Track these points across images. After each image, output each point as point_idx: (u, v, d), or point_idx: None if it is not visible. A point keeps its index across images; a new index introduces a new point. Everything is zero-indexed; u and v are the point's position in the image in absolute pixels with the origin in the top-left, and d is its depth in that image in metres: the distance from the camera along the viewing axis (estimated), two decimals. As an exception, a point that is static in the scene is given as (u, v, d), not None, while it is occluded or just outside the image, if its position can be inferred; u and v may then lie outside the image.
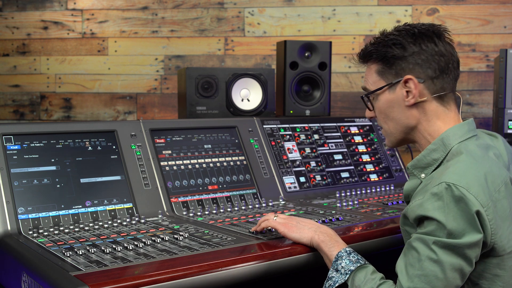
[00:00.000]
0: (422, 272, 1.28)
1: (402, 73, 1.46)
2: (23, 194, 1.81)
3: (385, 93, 1.50)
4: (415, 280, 1.28)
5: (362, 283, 1.36)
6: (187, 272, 1.33)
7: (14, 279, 1.50)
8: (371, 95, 1.53)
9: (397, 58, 1.46)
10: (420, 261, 1.29)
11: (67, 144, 1.98)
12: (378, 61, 1.50)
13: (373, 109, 1.55)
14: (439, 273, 1.27)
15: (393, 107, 1.49)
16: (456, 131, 1.45)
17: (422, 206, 1.31)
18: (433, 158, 1.44)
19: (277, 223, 1.59)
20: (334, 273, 1.40)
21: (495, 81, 2.82)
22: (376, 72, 1.51)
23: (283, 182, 2.34)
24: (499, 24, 3.30)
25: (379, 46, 1.49)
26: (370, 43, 1.53)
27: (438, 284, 1.27)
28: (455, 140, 1.43)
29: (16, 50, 3.65)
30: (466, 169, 1.31)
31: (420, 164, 1.46)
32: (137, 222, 1.87)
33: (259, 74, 2.68)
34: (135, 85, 3.56)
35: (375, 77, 1.51)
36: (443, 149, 1.43)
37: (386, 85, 1.49)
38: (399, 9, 3.36)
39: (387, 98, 1.50)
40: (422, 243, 1.30)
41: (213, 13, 3.48)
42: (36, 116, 3.64)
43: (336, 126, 2.69)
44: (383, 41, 1.49)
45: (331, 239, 1.48)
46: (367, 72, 1.54)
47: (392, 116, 1.50)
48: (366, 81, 1.54)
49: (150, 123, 2.20)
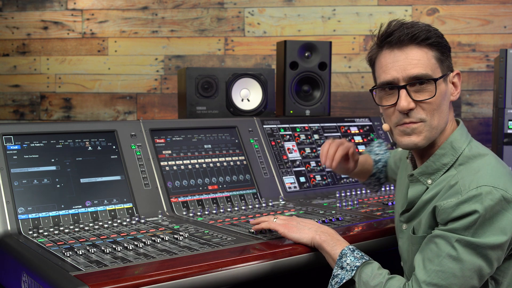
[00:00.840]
0: (440, 268, 1.27)
1: (450, 66, 1.42)
2: (23, 194, 1.81)
3: (442, 84, 1.38)
4: (432, 275, 1.28)
5: (370, 278, 1.35)
6: (187, 272, 1.33)
7: (14, 279, 1.50)
8: (432, 81, 1.36)
9: (448, 50, 1.41)
10: (439, 257, 1.28)
11: (67, 144, 1.98)
12: (435, 48, 1.37)
13: (433, 97, 1.36)
14: (458, 271, 1.26)
15: (444, 100, 1.39)
16: (461, 133, 1.43)
17: (459, 207, 1.28)
18: (443, 163, 1.39)
19: (277, 225, 1.58)
20: (339, 271, 1.40)
21: (495, 81, 2.82)
22: (435, 58, 1.37)
23: (283, 182, 2.34)
24: (499, 24, 3.30)
25: (433, 33, 1.37)
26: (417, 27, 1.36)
27: (455, 281, 1.26)
28: (463, 143, 1.40)
29: (16, 50, 3.65)
30: (498, 171, 1.32)
31: (428, 170, 1.42)
32: (137, 222, 1.87)
33: (259, 74, 2.68)
34: (135, 85, 3.56)
35: (434, 64, 1.37)
36: (453, 153, 1.39)
37: (445, 74, 1.39)
38: (399, 9, 3.36)
39: (443, 89, 1.38)
40: (444, 240, 1.29)
41: (213, 13, 3.48)
42: (36, 116, 3.64)
43: (336, 126, 2.69)
44: (431, 29, 1.38)
45: (332, 238, 1.48)
46: (419, 56, 1.36)
47: (441, 109, 1.38)
48: (421, 66, 1.35)
49: (150, 123, 2.19)
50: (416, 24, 1.38)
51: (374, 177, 1.96)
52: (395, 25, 1.38)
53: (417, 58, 1.36)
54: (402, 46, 1.37)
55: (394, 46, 1.38)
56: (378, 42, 1.42)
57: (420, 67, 1.35)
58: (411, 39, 1.36)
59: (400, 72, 1.36)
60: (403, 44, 1.37)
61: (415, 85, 1.36)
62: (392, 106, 1.40)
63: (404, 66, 1.36)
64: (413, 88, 1.36)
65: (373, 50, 1.45)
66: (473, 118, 3.33)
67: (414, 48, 1.37)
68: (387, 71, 1.39)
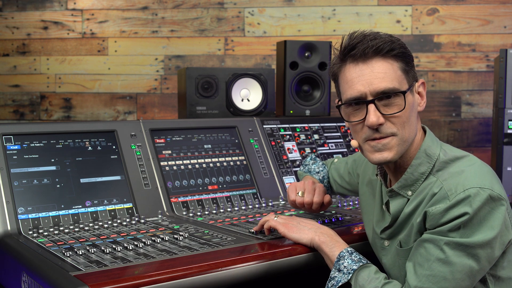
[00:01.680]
0: (431, 273, 1.27)
1: (415, 76, 1.40)
2: (23, 194, 1.81)
3: (409, 95, 1.36)
4: (423, 280, 1.28)
5: (366, 282, 1.35)
6: (187, 272, 1.33)
7: (14, 279, 1.50)
8: (400, 94, 1.33)
9: (412, 60, 1.39)
10: (429, 261, 1.28)
11: (67, 144, 1.98)
12: (400, 59, 1.35)
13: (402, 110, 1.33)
14: (448, 274, 1.26)
15: (412, 111, 1.36)
16: (431, 139, 1.42)
17: (448, 212, 1.27)
18: (420, 173, 1.38)
19: (277, 223, 1.58)
20: (336, 273, 1.39)
21: (495, 81, 2.82)
22: (401, 70, 1.34)
23: (283, 182, 2.34)
24: (499, 24, 3.30)
25: (397, 43, 1.35)
26: (380, 38, 1.34)
27: (446, 285, 1.26)
28: (435, 149, 1.39)
29: (16, 50, 3.65)
30: (482, 170, 1.32)
31: (407, 182, 1.39)
32: (137, 222, 1.87)
33: (259, 74, 2.68)
34: (135, 85, 3.56)
35: (400, 75, 1.34)
36: (429, 161, 1.38)
37: (412, 85, 1.36)
38: (399, 9, 3.36)
39: (410, 100, 1.36)
40: (432, 244, 1.28)
41: (213, 13, 3.48)
42: (36, 116, 3.65)
43: (336, 126, 2.69)
44: (394, 39, 1.35)
45: (331, 240, 1.47)
46: (385, 69, 1.33)
47: (411, 121, 1.36)
48: (388, 79, 1.33)
49: (150, 123, 2.20)
50: (379, 36, 1.35)
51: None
52: (357, 37, 1.35)
53: (383, 71, 1.33)
54: (367, 59, 1.33)
55: (358, 59, 1.34)
56: (341, 56, 1.38)
57: (388, 81, 1.32)
58: (376, 51, 1.32)
59: (367, 87, 1.33)
60: (367, 57, 1.33)
61: (383, 99, 1.33)
62: (361, 122, 1.36)
63: (371, 80, 1.33)
64: (382, 102, 1.33)
65: (336, 64, 1.41)
66: (473, 118, 3.33)
67: (380, 61, 1.33)
68: (353, 86, 1.35)
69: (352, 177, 1.84)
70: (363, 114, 1.35)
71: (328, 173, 1.98)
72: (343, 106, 1.40)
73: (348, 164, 1.87)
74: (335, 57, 1.41)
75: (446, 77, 3.34)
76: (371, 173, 1.62)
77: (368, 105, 1.33)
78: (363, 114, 1.35)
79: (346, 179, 1.88)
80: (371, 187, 1.61)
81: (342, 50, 1.37)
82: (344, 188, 1.91)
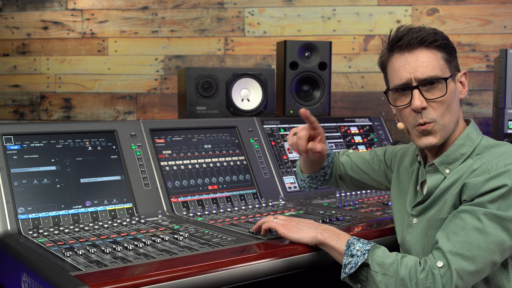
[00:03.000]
0: (466, 239, 1.31)
1: (457, 66, 1.50)
2: (23, 194, 1.81)
3: (451, 83, 1.46)
4: (457, 246, 1.32)
5: (384, 258, 1.37)
6: (187, 272, 1.33)
7: (14, 279, 1.50)
8: (442, 80, 1.44)
9: (454, 51, 1.50)
10: (465, 229, 1.32)
11: (67, 144, 1.98)
12: (442, 49, 1.46)
13: (444, 95, 1.43)
14: (483, 243, 1.30)
15: (454, 98, 1.46)
16: (475, 128, 1.52)
17: (488, 182, 1.34)
18: (461, 153, 1.46)
19: (276, 224, 1.59)
20: (350, 259, 1.40)
21: (495, 81, 2.82)
22: (443, 59, 1.46)
23: (283, 182, 2.34)
24: (499, 24, 3.30)
25: (440, 35, 1.46)
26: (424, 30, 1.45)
27: (480, 253, 1.30)
28: (478, 135, 1.49)
29: (16, 50, 3.65)
30: None
31: (447, 159, 1.47)
32: (137, 222, 1.87)
33: (259, 74, 2.68)
34: (135, 85, 3.56)
35: (443, 64, 1.45)
36: (471, 144, 1.47)
37: (453, 74, 1.47)
38: (399, 9, 3.36)
39: (452, 88, 1.46)
40: (470, 214, 1.33)
41: (213, 13, 3.48)
42: (36, 116, 3.65)
43: (336, 126, 2.69)
44: (438, 32, 1.46)
45: (334, 233, 1.49)
46: (428, 58, 1.44)
47: (452, 107, 1.46)
48: (430, 67, 1.43)
49: (150, 123, 2.20)
50: (423, 28, 1.46)
51: (323, 171, 1.90)
52: (404, 30, 1.47)
53: (427, 60, 1.44)
54: (412, 49, 1.45)
55: (404, 49, 1.46)
56: (389, 47, 1.50)
57: (431, 69, 1.43)
58: (420, 42, 1.44)
59: (412, 74, 1.44)
60: (412, 47, 1.45)
61: (426, 85, 1.44)
62: (407, 106, 1.47)
63: (415, 68, 1.44)
64: (425, 88, 1.44)
65: (384, 55, 1.53)
66: (473, 118, 3.33)
67: (424, 51, 1.45)
68: (399, 74, 1.46)
69: (383, 165, 1.85)
70: (409, 99, 1.45)
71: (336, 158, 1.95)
72: (390, 92, 1.51)
73: (378, 152, 1.89)
74: (383, 49, 1.53)
75: (446, 77, 3.34)
76: (408, 161, 1.69)
77: (413, 91, 1.44)
78: (408, 99, 1.46)
79: (375, 167, 1.87)
80: (406, 174, 1.67)
81: (390, 41, 1.49)
82: (366, 174, 1.89)
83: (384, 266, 1.36)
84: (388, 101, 1.54)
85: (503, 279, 1.39)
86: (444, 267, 1.31)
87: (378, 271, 1.36)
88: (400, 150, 1.78)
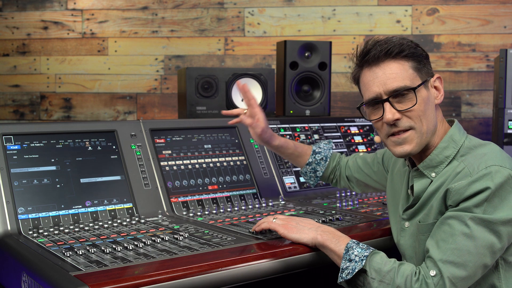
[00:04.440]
0: (455, 246, 1.32)
1: (430, 72, 1.50)
2: (23, 194, 1.81)
3: (423, 90, 1.46)
4: (447, 253, 1.33)
5: (381, 265, 1.38)
6: (187, 272, 1.33)
7: (14, 279, 1.50)
8: (411, 90, 1.43)
9: (425, 58, 1.49)
10: (453, 236, 1.33)
11: (67, 144, 1.98)
12: (410, 58, 1.46)
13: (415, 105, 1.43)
14: (472, 248, 1.31)
15: (428, 105, 1.46)
16: (458, 128, 1.52)
17: (471, 186, 1.34)
18: (445, 156, 1.47)
19: (276, 225, 1.59)
20: (347, 263, 1.41)
21: (495, 81, 2.82)
22: (412, 68, 1.45)
23: (283, 182, 2.34)
24: (499, 24, 3.30)
25: (406, 45, 1.46)
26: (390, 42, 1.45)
27: (470, 258, 1.31)
28: (461, 137, 1.49)
29: (16, 50, 3.65)
30: (502, 154, 1.41)
31: (432, 163, 1.48)
32: (137, 222, 1.87)
33: (259, 74, 2.68)
34: (135, 85, 3.56)
35: (412, 73, 1.45)
36: (454, 146, 1.47)
37: (424, 81, 1.46)
38: (399, 9, 3.36)
39: (424, 95, 1.46)
40: (457, 220, 1.34)
41: (213, 13, 3.48)
42: (36, 116, 3.65)
43: (336, 126, 2.69)
44: (404, 42, 1.46)
45: (334, 236, 1.49)
46: (396, 69, 1.45)
47: (427, 115, 1.46)
48: (399, 78, 1.44)
49: (150, 123, 2.20)
50: (389, 40, 1.47)
51: (310, 167, 2.02)
52: (370, 44, 1.48)
53: (395, 72, 1.45)
54: (379, 62, 1.46)
55: (371, 63, 1.47)
56: (358, 62, 1.53)
57: (399, 79, 1.44)
58: (386, 54, 1.45)
59: (381, 87, 1.45)
60: (379, 60, 1.46)
61: (397, 97, 1.44)
62: (380, 119, 1.49)
63: (384, 81, 1.45)
64: (396, 100, 1.45)
65: (355, 70, 1.55)
66: (473, 118, 3.33)
67: (391, 62, 1.46)
68: (369, 88, 1.48)
69: (381, 167, 1.89)
70: (381, 112, 1.48)
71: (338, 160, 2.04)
72: (364, 106, 1.54)
73: (377, 155, 1.94)
74: (354, 64, 1.56)
75: (446, 77, 3.34)
76: (402, 164, 1.70)
77: (383, 104, 1.46)
78: (380, 112, 1.48)
79: (374, 168, 1.92)
80: (400, 176, 1.68)
81: (358, 56, 1.52)
82: (368, 176, 1.95)
83: (381, 273, 1.37)
84: (362, 115, 1.57)
85: (494, 279, 1.40)
86: (436, 276, 1.32)
87: (375, 278, 1.37)
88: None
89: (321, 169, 2.01)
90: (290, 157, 2.06)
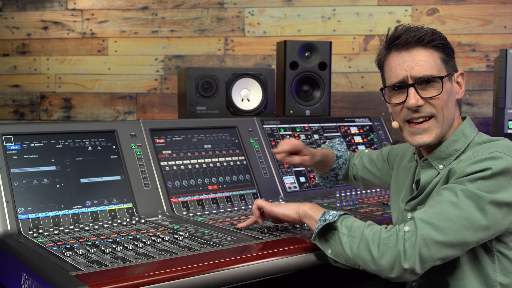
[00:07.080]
0: (439, 210, 1.32)
1: (455, 67, 1.51)
2: (23, 194, 1.81)
3: (448, 82, 1.47)
4: (429, 214, 1.32)
5: (353, 222, 1.41)
6: (187, 272, 1.33)
7: (14, 279, 1.50)
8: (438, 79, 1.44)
9: (453, 52, 1.50)
10: (441, 203, 1.33)
11: (67, 144, 1.98)
12: (440, 49, 1.46)
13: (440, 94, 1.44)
14: (454, 217, 1.30)
15: (450, 97, 1.47)
16: (470, 124, 1.53)
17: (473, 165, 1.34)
18: (455, 149, 1.48)
19: (262, 201, 1.67)
20: (322, 223, 1.44)
21: (495, 81, 2.82)
22: (440, 59, 1.46)
23: (283, 182, 2.34)
24: (499, 24, 3.30)
25: (437, 35, 1.46)
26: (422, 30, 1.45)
27: (449, 225, 1.30)
28: (472, 132, 1.50)
29: (16, 50, 3.65)
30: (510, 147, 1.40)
31: (441, 155, 1.49)
32: (137, 222, 1.87)
33: (259, 74, 2.68)
34: (135, 85, 3.56)
35: (439, 64, 1.46)
36: (465, 140, 1.48)
37: (451, 73, 1.48)
38: (399, 9, 3.36)
39: (448, 87, 1.47)
40: (448, 190, 1.35)
41: (213, 13, 3.48)
42: (36, 116, 3.65)
43: (336, 126, 2.69)
44: (436, 32, 1.47)
45: (317, 208, 1.53)
46: (425, 57, 1.44)
47: (448, 106, 1.47)
48: (427, 66, 1.44)
49: (150, 123, 2.20)
50: (421, 28, 1.47)
51: (333, 172, 2.01)
52: (402, 29, 1.48)
53: (423, 59, 1.45)
54: (409, 48, 1.46)
55: (401, 48, 1.47)
56: (386, 45, 1.51)
57: (427, 67, 1.44)
58: (417, 41, 1.45)
59: (408, 72, 1.45)
60: (410, 46, 1.45)
61: (422, 84, 1.45)
62: (401, 104, 1.48)
63: (412, 66, 1.45)
64: (421, 86, 1.45)
65: (382, 53, 1.54)
66: (473, 118, 3.33)
67: (421, 50, 1.45)
68: (396, 72, 1.47)
69: (385, 164, 1.90)
70: (404, 97, 1.47)
71: (351, 159, 2.04)
72: (386, 89, 1.53)
73: (383, 152, 1.94)
74: (381, 47, 1.54)
75: (446, 77, 3.34)
76: (408, 160, 1.70)
77: (408, 89, 1.45)
78: (403, 97, 1.47)
79: (378, 166, 1.93)
80: (405, 172, 1.69)
81: (387, 40, 1.50)
82: (372, 174, 1.96)
83: (352, 229, 1.39)
84: (384, 98, 1.55)
85: (489, 270, 1.40)
86: (410, 232, 1.31)
87: (345, 233, 1.40)
88: (404, 149, 1.80)
89: (342, 172, 2.02)
90: (315, 165, 2.00)
